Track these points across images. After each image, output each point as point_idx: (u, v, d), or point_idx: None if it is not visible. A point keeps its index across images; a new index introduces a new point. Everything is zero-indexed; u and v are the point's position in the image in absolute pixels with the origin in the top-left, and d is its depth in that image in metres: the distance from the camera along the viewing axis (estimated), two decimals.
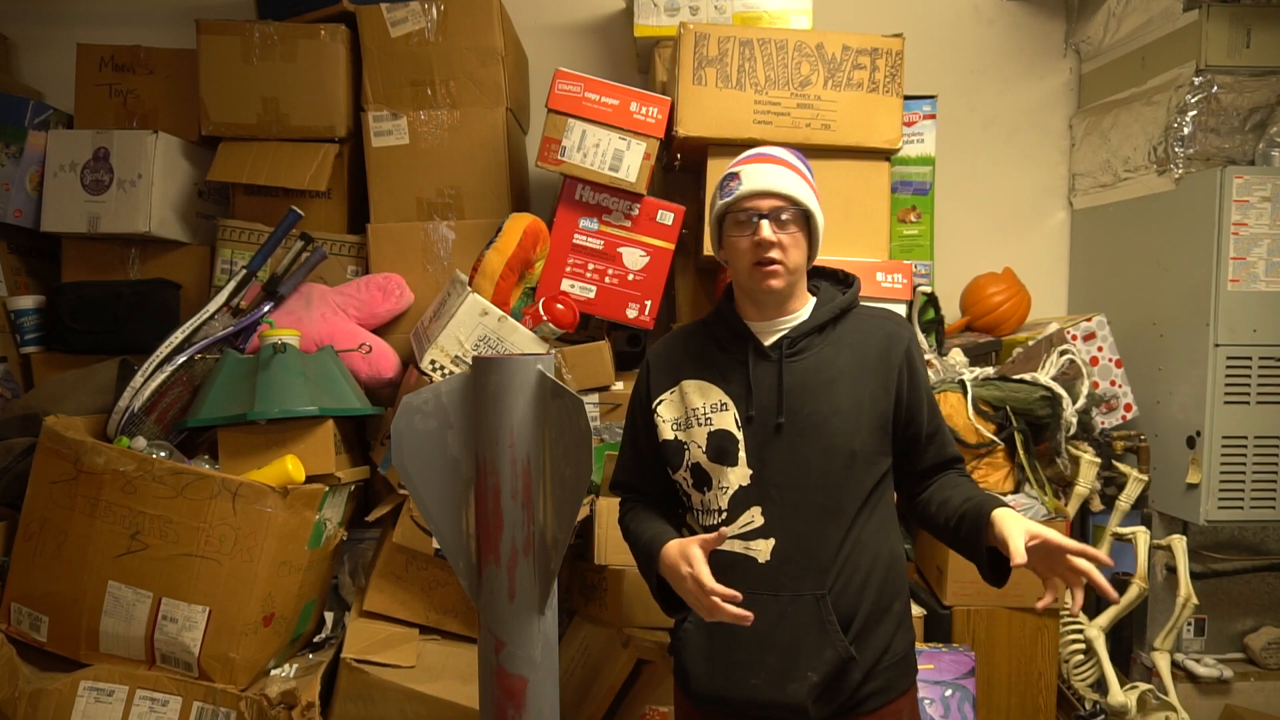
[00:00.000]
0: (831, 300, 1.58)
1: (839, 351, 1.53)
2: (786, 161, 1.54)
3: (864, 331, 1.55)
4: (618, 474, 1.72)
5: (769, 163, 1.53)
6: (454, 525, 1.50)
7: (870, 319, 1.58)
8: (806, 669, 1.46)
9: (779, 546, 1.48)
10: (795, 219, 1.50)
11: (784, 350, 1.52)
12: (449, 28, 2.52)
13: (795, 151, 1.60)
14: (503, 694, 1.48)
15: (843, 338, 1.54)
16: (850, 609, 1.48)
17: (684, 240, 2.58)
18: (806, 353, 1.53)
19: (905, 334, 1.57)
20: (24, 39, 2.96)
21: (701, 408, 1.55)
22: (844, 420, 1.49)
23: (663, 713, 2.17)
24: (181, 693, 2.03)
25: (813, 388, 1.50)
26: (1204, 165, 2.52)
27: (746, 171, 1.52)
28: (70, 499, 2.02)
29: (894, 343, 1.54)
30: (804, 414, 1.49)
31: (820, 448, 1.48)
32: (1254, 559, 2.63)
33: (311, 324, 2.38)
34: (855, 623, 1.48)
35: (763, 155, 1.55)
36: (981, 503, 1.44)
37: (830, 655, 1.45)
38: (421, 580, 2.30)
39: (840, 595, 1.47)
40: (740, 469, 1.51)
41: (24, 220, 2.54)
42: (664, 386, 1.61)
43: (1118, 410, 2.63)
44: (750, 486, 1.50)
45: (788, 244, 1.49)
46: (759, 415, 1.51)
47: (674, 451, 1.58)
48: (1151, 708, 2.39)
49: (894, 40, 2.44)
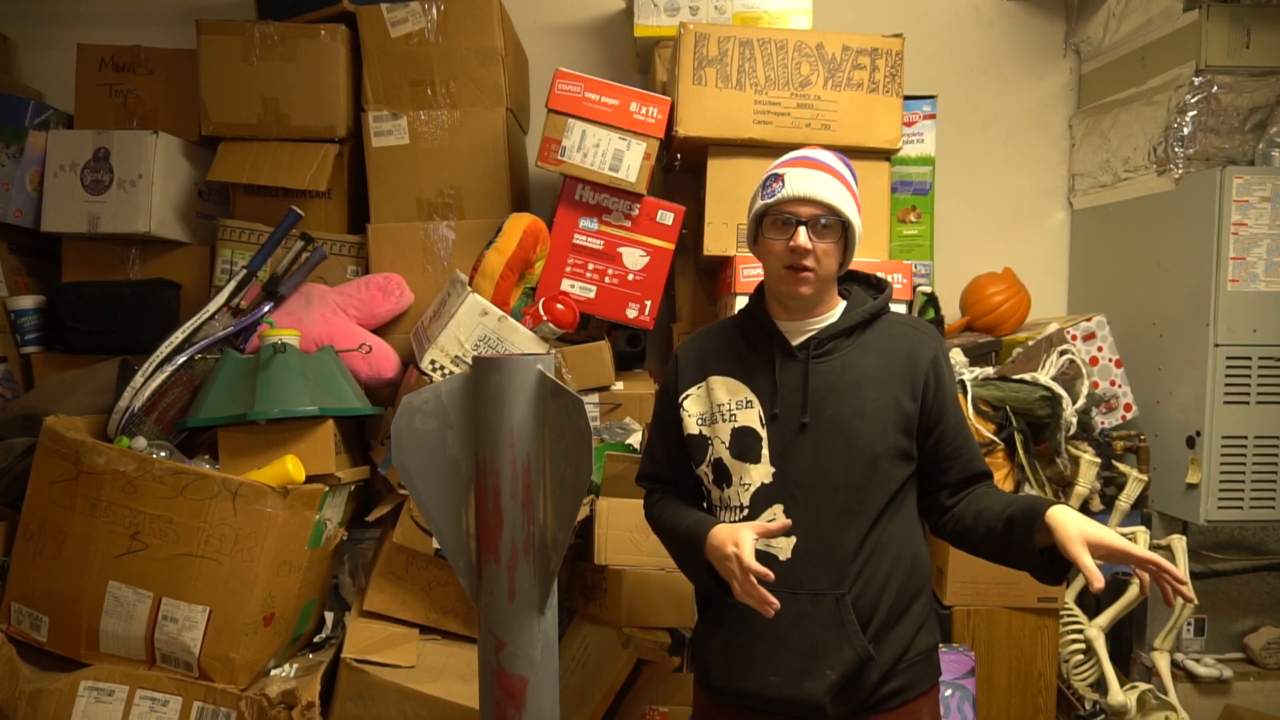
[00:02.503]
0: (862, 305, 1.58)
1: (866, 356, 1.53)
2: (831, 168, 1.53)
3: (892, 338, 1.55)
4: (644, 466, 1.73)
5: (814, 168, 1.51)
6: (454, 525, 1.50)
7: (900, 326, 1.57)
8: (825, 667, 1.46)
9: (800, 545, 1.49)
10: (833, 228, 1.50)
11: (811, 351, 1.52)
12: (449, 28, 2.52)
13: (841, 156, 1.58)
14: (503, 694, 1.48)
15: (870, 343, 1.54)
16: (870, 609, 1.48)
17: (684, 240, 2.58)
18: (833, 355, 1.53)
19: (934, 344, 1.56)
20: (24, 39, 2.96)
21: (727, 404, 1.56)
22: (868, 423, 1.48)
23: (663, 713, 2.17)
24: (182, 693, 2.03)
25: (838, 389, 1.50)
26: (1204, 165, 2.52)
27: (791, 175, 1.51)
28: (70, 499, 2.02)
29: (922, 351, 1.53)
30: (828, 415, 1.49)
31: (843, 449, 1.48)
32: (1254, 559, 2.63)
33: (311, 324, 2.38)
34: (874, 622, 1.48)
35: (808, 160, 1.53)
36: (1032, 504, 1.40)
37: (849, 654, 1.46)
38: (421, 580, 2.30)
39: (860, 595, 1.48)
40: (763, 466, 1.52)
41: (24, 220, 2.54)
42: (691, 381, 1.62)
43: (1118, 410, 2.63)
44: (772, 484, 1.51)
45: (822, 252, 1.49)
46: (783, 414, 1.51)
47: (697, 446, 1.60)
48: (1151, 708, 2.39)
49: (894, 40, 2.44)
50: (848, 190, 1.53)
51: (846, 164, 1.58)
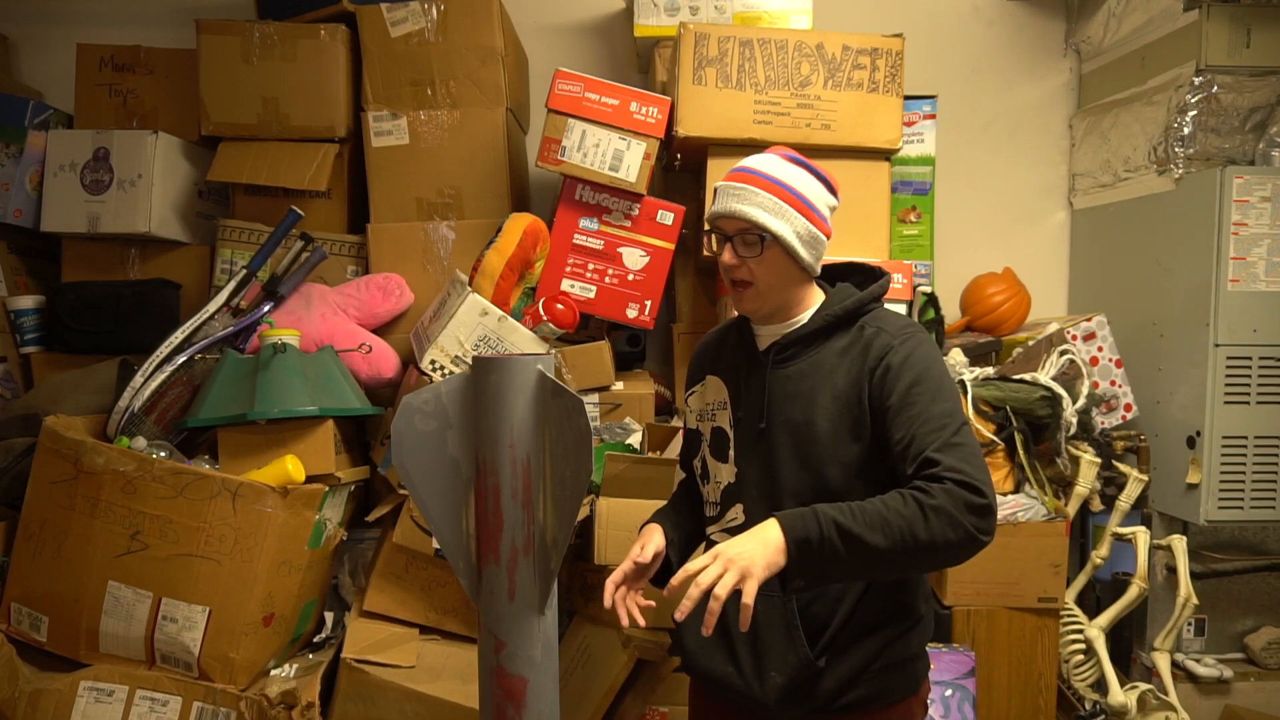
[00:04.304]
0: (832, 307, 1.51)
1: (828, 359, 1.47)
2: (766, 178, 1.46)
3: (857, 343, 1.47)
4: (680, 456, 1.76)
5: (743, 181, 1.47)
6: (454, 525, 1.50)
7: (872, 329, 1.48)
8: (771, 669, 1.46)
9: None
10: (755, 244, 1.45)
11: (772, 356, 1.51)
12: (449, 28, 2.52)
13: (793, 158, 1.50)
14: (503, 694, 1.48)
15: (836, 347, 1.48)
16: (823, 618, 1.46)
17: (684, 240, 2.58)
18: (793, 361, 1.50)
19: (893, 341, 1.43)
20: (24, 39, 2.96)
21: (712, 404, 1.60)
22: (818, 432, 1.44)
23: (663, 713, 2.17)
24: (181, 693, 2.03)
25: (792, 395, 1.48)
26: (1204, 165, 2.52)
27: (721, 189, 1.49)
28: (70, 499, 2.02)
29: (873, 351, 1.44)
30: (781, 421, 1.48)
31: (794, 456, 1.46)
32: (1254, 559, 2.63)
33: (311, 324, 2.38)
34: (830, 631, 1.46)
35: (742, 173, 1.49)
36: None
37: (793, 660, 1.45)
38: (421, 580, 2.30)
39: (812, 602, 1.46)
40: (729, 466, 1.55)
41: (24, 220, 2.54)
42: (696, 379, 1.67)
43: (1118, 410, 2.63)
44: (735, 484, 1.54)
45: (758, 267, 1.46)
46: (745, 418, 1.53)
47: (693, 440, 1.65)
48: (1151, 708, 2.38)
49: (894, 40, 2.44)
50: (783, 199, 1.45)
51: (802, 167, 1.49)
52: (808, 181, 1.49)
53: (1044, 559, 2.32)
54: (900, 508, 1.28)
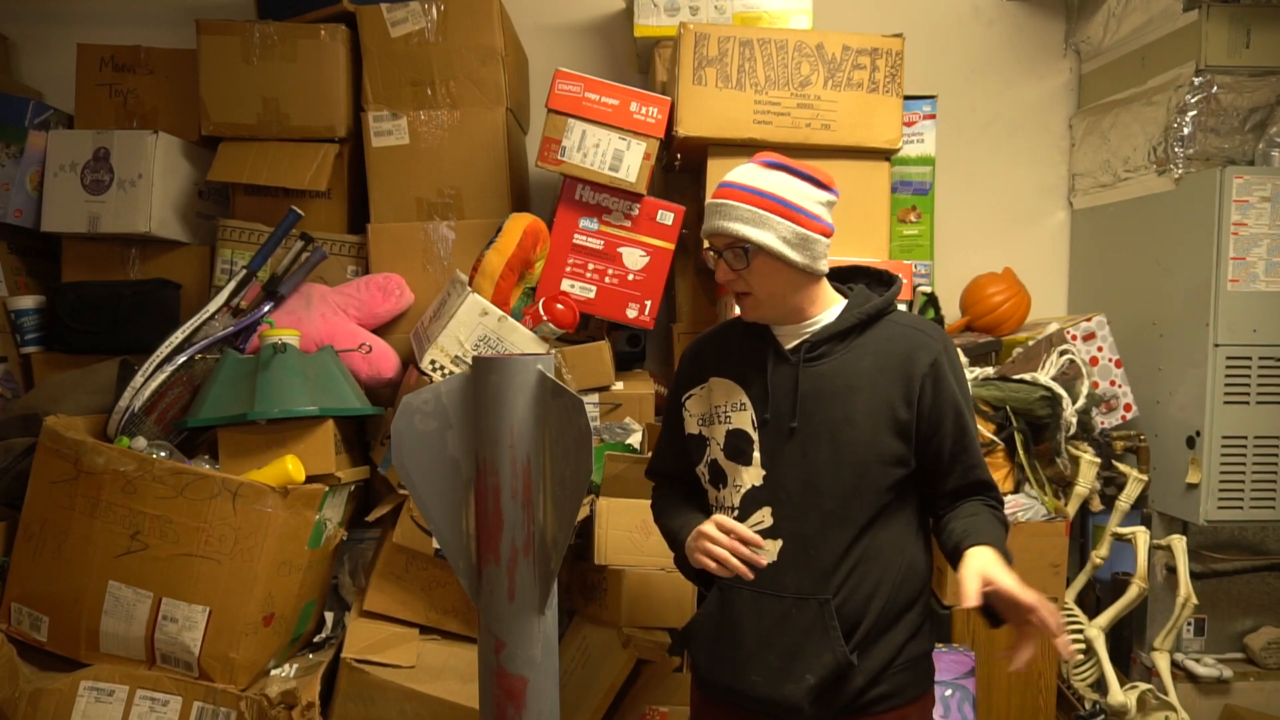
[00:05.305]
0: (862, 304, 1.54)
1: (861, 358, 1.49)
2: (743, 192, 1.46)
3: (891, 339, 1.50)
4: (653, 462, 1.76)
5: (724, 198, 1.48)
6: (454, 525, 1.50)
7: (902, 327, 1.53)
8: (804, 671, 1.46)
9: (786, 549, 1.48)
10: (747, 254, 1.46)
11: (803, 354, 1.51)
12: (449, 28, 2.52)
13: (770, 164, 1.49)
14: (503, 694, 1.48)
15: (867, 345, 1.50)
16: (856, 615, 1.47)
17: (684, 240, 2.58)
18: (826, 358, 1.50)
19: (935, 346, 1.50)
20: (24, 39, 2.96)
21: (724, 406, 1.56)
22: (858, 429, 1.46)
23: (663, 713, 2.17)
24: (181, 693, 2.03)
25: (828, 394, 1.48)
26: (1204, 165, 2.53)
27: (708, 207, 1.51)
28: (70, 499, 2.02)
29: (920, 354, 1.48)
30: (817, 420, 1.48)
31: (831, 455, 1.47)
32: (1254, 559, 2.63)
33: (311, 324, 2.39)
34: (861, 629, 1.47)
35: (723, 188, 1.49)
36: (965, 539, 1.42)
37: (829, 659, 1.45)
38: (421, 580, 2.30)
39: (846, 601, 1.47)
40: (754, 469, 1.51)
41: (24, 220, 2.54)
42: (695, 382, 1.63)
43: (1117, 410, 2.63)
44: (762, 487, 1.51)
45: (751, 277, 1.47)
46: (774, 418, 1.50)
47: (696, 445, 1.61)
48: (1151, 708, 2.39)
49: (894, 40, 2.44)
50: (761, 207, 1.45)
51: (781, 170, 1.49)
52: (788, 184, 1.48)
53: (1044, 559, 2.32)
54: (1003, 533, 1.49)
